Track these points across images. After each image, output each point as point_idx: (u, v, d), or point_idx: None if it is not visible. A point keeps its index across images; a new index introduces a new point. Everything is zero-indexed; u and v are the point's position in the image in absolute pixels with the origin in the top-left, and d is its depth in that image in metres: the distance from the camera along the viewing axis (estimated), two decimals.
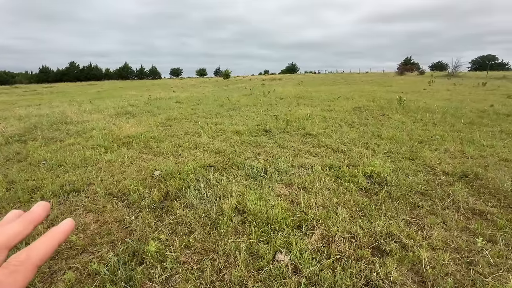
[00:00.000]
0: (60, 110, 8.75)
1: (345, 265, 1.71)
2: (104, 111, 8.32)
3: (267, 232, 2.04)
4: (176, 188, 2.78)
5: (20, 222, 0.28)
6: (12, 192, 2.80)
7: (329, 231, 2.03)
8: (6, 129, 5.88)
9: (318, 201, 2.47)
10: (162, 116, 7.09)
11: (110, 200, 2.64)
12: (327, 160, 3.52)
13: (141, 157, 3.88)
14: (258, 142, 4.47)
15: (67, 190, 2.83)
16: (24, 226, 0.28)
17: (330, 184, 2.82)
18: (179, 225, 2.20)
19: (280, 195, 2.63)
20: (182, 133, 5.20)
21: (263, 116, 6.82)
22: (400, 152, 3.80)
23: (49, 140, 4.94)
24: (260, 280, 1.61)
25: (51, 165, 3.58)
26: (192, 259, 1.82)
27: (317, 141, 4.43)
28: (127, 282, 1.61)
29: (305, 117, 6.40)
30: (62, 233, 0.29)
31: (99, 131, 5.49)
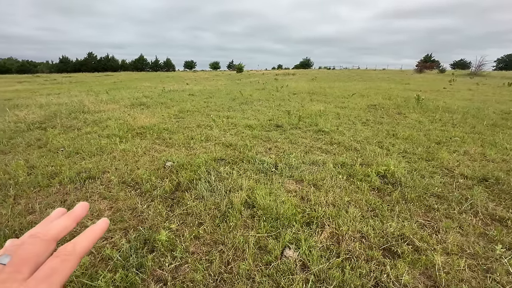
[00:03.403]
0: (78, 100, 9.02)
1: (354, 265, 1.68)
2: (119, 102, 8.50)
3: (276, 227, 2.04)
4: (187, 180, 2.82)
5: (66, 219, 0.33)
6: (33, 177, 2.92)
7: (339, 230, 2.00)
8: (28, 116, 6.13)
9: (329, 199, 2.44)
10: (175, 108, 7.17)
11: (123, 188, 2.71)
12: (339, 157, 3.46)
13: (154, 147, 3.95)
14: (270, 137, 4.45)
15: (83, 177, 2.93)
16: (69, 222, 0.32)
17: (341, 182, 2.77)
18: (190, 216, 2.24)
19: (290, 191, 2.61)
20: (195, 126, 5.25)
21: (275, 111, 6.77)
22: (416, 152, 3.68)
23: (67, 128, 5.12)
24: (268, 275, 1.62)
25: (69, 152, 3.70)
26: (201, 250, 1.85)
27: (330, 138, 4.36)
28: (138, 269, 1.66)
29: (318, 113, 6.31)
30: (100, 230, 0.33)
31: (114, 121, 5.63)
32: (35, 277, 0.25)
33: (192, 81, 20.08)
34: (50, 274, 0.25)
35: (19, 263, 0.26)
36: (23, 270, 0.25)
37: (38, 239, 0.29)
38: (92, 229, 0.32)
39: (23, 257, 0.26)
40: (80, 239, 0.30)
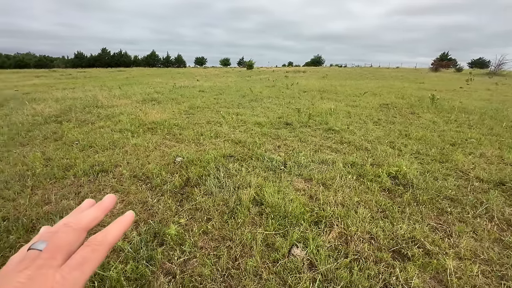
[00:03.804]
0: (92, 94, 9.25)
1: (363, 266, 1.67)
2: (131, 97, 8.66)
3: (284, 225, 2.04)
4: (196, 175, 2.85)
5: (96, 210, 0.34)
6: (49, 169, 3.03)
7: (348, 230, 1.98)
8: (45, 109, 6.33)
9: (338, 198, 2.41)
10: (185, 104, 7.24)
11: (134, 182, 2.77)
12: (349, 157, 3.41)
13: (164, 143, 4.01)
14: (279, 134, 4.44)
15: (97, 170, 3.01)
16: (99, 213, 0.34)
17: (351, 182, 2.74)
18: (198, 211, 2.26)
19: (298, 190, 2.60)
20: (204, 122, 5.29)
21: (285, 109, 6.73)
22: (430, 154, 3.58)
23: (81, 122, 5.26)
24: (275, 272, 1.62)
25: (83, 146, 3.81)
26: (210, 245, 1.87)
27: (340, 137, 4.30)
28: (148, 261, 1.70)
29: (328, 111, 6.23)
30: (127, 222, 0.34)
31: (126, 116, 5.74)
32: (68, 265, 0.26)
33: (203, 78, 20.20)
34: (82, 262, 0.27)
35: (54, 250, 0.27)
36: (58, 257, 0.26)
37: (71, 228, 0.30)
38: (120, 220, 0.33)
39: (58, 245, 0.27)
40: (109, 230, 0.31)
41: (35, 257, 0.26)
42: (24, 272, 0.24)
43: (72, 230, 0.30)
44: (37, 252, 0.26)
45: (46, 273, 0.25)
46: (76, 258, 0.27)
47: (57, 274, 0.25)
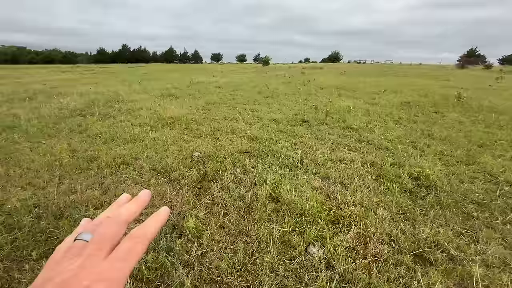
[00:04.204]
0: (113, 89, 9.58)
1: (382, 268, 1.63)
2: (150, 92, 8.89)
3: (300, 223, 2.02)
4: (213, 170, 2.89)
5: (133, 204, 0.35)
6: (75, 160, 3.18)
7: (367, 231, 1.93)
8: (70, 103, 6.63)
9: (356, 198, 2.36)
10: (202, 100, 7.34)
11: (154, 175, 2.85)
12: (368, 156, 3.32)
13: (182, 137, 4.09)
14: (295, 132, 4.39)
15: (118, 162, 3.13)
16: (136, 208, 0.34)
17: (370, 182, 2.67)
18: (215, 205, 2.30)
19: (315, 188, 2.57)
20: (221, 118, 5.34)
21: (302, 106, 6.65)
22: (455, 155, 3.42)
23: (104, 116, 5.47)
24: (291, 270, 1.62)
25: (105, 139, 3.97)
26: (226, 239, 1.90)
27: (358, 136, 4.19)
28: (168, 252, 1.75)
29: (346, 109, 6.09)
30: (163, 218, 0.34)
31: (146, 110, 5.90)
32: (115, 255, 0.27)
33: (219, 74, 20.35)
34: (127, 253, 0.27)
35: (100, 241, 0.28)
36: (104, 247, 0.27)
37: (114, 220, 0.31)
38: (157, 216, 0.34)
39: (103, 236, 0.29)
40: (148, 224, 0.32)
41: (82, 247, 0.27)
42: (75, 260, 0.25)
43: (115, 222, 0.31)
44: (84, 243, 0.28)
45: (95, 262, 0.26)
46: (122, 249, 0.28)
47: (105, 263, 0.26)
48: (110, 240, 0.28)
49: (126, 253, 0.27)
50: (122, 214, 0.32)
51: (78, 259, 0.25)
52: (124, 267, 0.26)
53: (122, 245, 0.28)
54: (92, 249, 0.27)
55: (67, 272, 0.24)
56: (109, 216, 0.32)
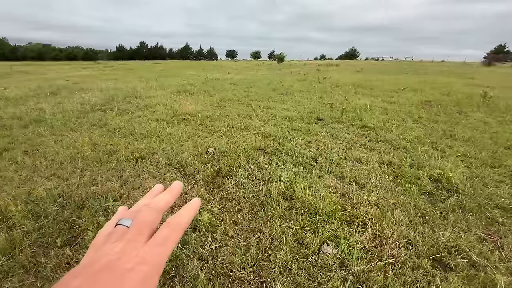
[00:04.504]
0: (131, 85, 9.85)
1: (398, 271, 1.59)
2: (167, 89, 9.06)
3: (314, 222, 2.01)
4: (227, 167, 2.91)
5: (168, 194, 0.36)
6: (95, 153, 3.31)
7: (383, 232, 1.89)
8: (91, 98, 6.90)
9: (372, 199, 2.31)
10: (217, 97, 7.40)
11: (170, 169, 2.92)
12: (386, 156, 3.23)
13: (197, 133, 4.15)
14: (310, 130, 4.34)
15: (136, 156, 3.22)
16: (170, 197, 0.36)
17: (387, 183, 2.60)
18: (229, 201, 2.32)
19: (330, 187, 2.54)
20: (235, 115, 5.36)
21: (317, 103, 6.55)
22: (479, 157, 3.25)
23: (122, 111, 5.64)
24: (304, 268, 1.61)
25: (124, 133, 4.10)
26: (240, 235, 1.92)
27: (375, 135, 4.08)
28: (183, 245, 1.79)
29: (363, 107, 5.93)
30: (196, 208, 0.35)
31: (162, 106, 6.03)
32: (153, 241, 0.28)
33: (233, 70, 20.41)
34: (165, 239, 0.29)
35: (140, 227, 0.29)
36: (144, 233, 0.29)
37: (151, 208, 0.32)
38: (189, 206, 0.35)
39: (143, 222, 0.30)
40: (182, 213, 0.33)
41: (124, 232, 0.29)
42: (117, 245, 0.27)
43: (153, 210, 0.32)
44: (125, 228, 0.29)
45: (136, 246, 0.27)
46: (160, 235, 0.29)
47: (146, 247, 0.27)
48: (149, 226, 0.30)
49: (164, 239, 0.29)
50: (160, 202, 0.34)
51: (119, 244, 0.27)
52: (162, 252, 0.28)
53: (160, 232, 0.29)
54: (132, 234, 0.28)
55: (111, 255, 0.26)
56: (147, 203, 0.33)
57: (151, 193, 0.37)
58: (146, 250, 0.27)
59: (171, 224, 0.31)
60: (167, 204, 0.34)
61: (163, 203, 0.34)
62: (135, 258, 0.26)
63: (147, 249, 0.27)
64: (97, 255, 0.26)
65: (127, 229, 0.29)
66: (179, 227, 0.31)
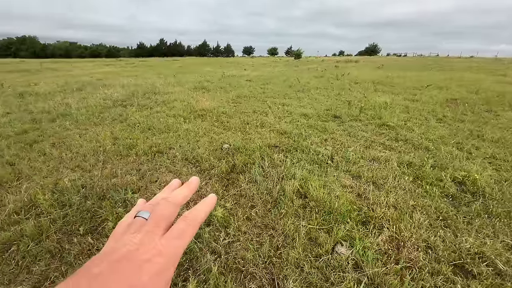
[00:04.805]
0: (150, 82, 10.13)
1: (416, 275, 1.53)
2: (184, 85, 9.23)
3: (328, 221, 1.98)
4: (242, 163, 2.93)
5: (186, 189, 0.37)
6: (116, 147, 3.45)
7: (400, 235, 1.82)
8: (113, 94, 7.17)
9: (390, 200, 2.23)
10: (233, 93, 7.43)
11: (186, 164, 2.98)
12: (406, 156, 3.10)
13: (213, 129, 4.20)
14: (326, 127, 4.26)
15: (154, 150, 3.32)
16: (188, 192, 0.36)
17: (406, 184, 2.50)
18: (243, 197, 2.34)
19: (345, 186, 2.48)
20: (251, 111, 5.37)
21: (334, 101, 6.41)
22: (509, 159, 3.04)
23: (142, 107, 5.82)
24: (317, 267, 1.59)
25: (143, 128, 4.23)
26: (253, 231, 1.92)
27: (395, 134, 3.93)
28: (196, 239, 1.83)
29: (382, 105, 5.73)
30: (212, 204, 0.36)
31: (180, 102, 6.16)
32: (170, 234, 0.29)
33: (250, 67, 20.39)
34: (181, 233, 0.29)
35: (158, 219, 0.30)
36: (161, 225, 0.29)
37: (169, 202, 0.33)
38: (205, 202, 0.35)
39: (160, 215, 0.31)
40: (198, 209, 0.34)
41: (142, 224, 0.30)
42: (136, 235, 0.28)
43: (171, 204, 0.33)
44: (143, 220, 0.30)
45: (154, 238, 0.28)
46: (176, 229, 0.30)
47: (162, 240, 0.28)
48: (166, 219, 0.31)
49: (181, 233, 0.29)
50: (178, 196, 0.35)
51: (138, 235, 0.28)
52: (179, 245, 0.28)
53: (177, 225, 0.30)
54: (150, 226, 0.29)
55: (130, 245, 0.26)
56: (165, 197, 0.34)
57: (168, 188, 0.38)
58: (163, 242, 0.28)
59: (188, 219, 0.31)
60: (184, 198, 0.35)
61: (181, 198, 0.35)
62: (152, 250, 0.26)
63: (164, 241, 0.28)
64: (117, 245, 0.27)
65: (145, 221, 0.30)
66: (195, 222, 0.31)
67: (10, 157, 3.15)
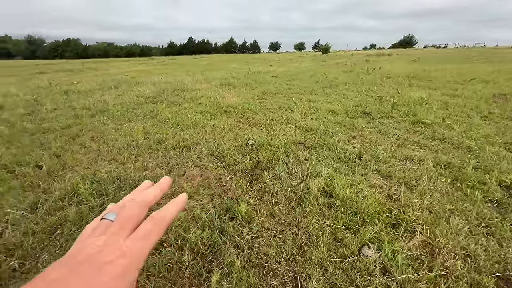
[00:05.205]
0: (179, 79, 10.50)
1: (452, 285, 1.41)
2: (211, 82, 9.43)
3: (355, 222, 1.90)
4: (266, 159, 2.92)
5: (155, 189, 0.37)
6: (147, 141, 3.64)
7: (435, 241, 1.70)
8: (145, 91, 7.56)
9: (424, 202, 2.08)
10: (258, 89, 7.43)
11: (211, 159, 3.05)
12: (443, 156, 2.87)
13: (238, 125, 4.25)
14: (355, 124, 4.09)
15: (182, 145, 3.44)
16: (158, 192, 0.37)
17: (443, 186, 2.31)
18: (267, 194, 2.34)
19: (374, 186, 2.37)
20: (276, 107, 5.33)
21: (364, 97, 6.12)
22: None
23: (171, 103, 6.07)
24: (342, 269, 1.55)
25: (172, 124, 4.41)
26: (276, 228, 1.92)
27: (432, 132, 3.65)
28: (221, 232, 1.87)
29: (418, 101, 5.34)
30: (182, 204, 0.36)
31: (206, 99, 6.31)
32: (135, 235, 0.29)
33: (276, 63, 20.22)
34: (147, 234, 0.30)
35: (123, 221, 0.30)
36: (127, 227, 0.30)
37: (136, 203, 0.33)
38: (175, 202, 0.35)
39: (126, 216, 0.31)
40: (167, 209, 0.34)
41: (107, 226, 0.30)
42: (100, 238, 0.28)
43: (138, 205, 0.33)
44: (109, 222, 0.30)
45: (118, 240, 0.28)
46: (142, 230, 0.30)
47: (127, 241, 0.28)
48: (132, 220, 0.31)
49: (146, 234, 0.29)
50: (146, 197, 0.35)
51: (102, 237, 0.28)
52: (144, 246, 0.29)
53: (143, 226, 0.30)
54: (115, 228, 0.29)
55: (92, 248, 0.27)
56: (132, 198, 0.34)
57: (139, 189, 0.38)
58: (128, 243, 0.28)
59: (155, 219, 0.31)
60: (154, 198, 0.35)
61: (150, 198, 0.35)
62: (116, 251, 0.26)
63: (129, 242, 0.28)
64: (80, 248, 0.27)
65: (111, 223, 0.30)
66: (163, 222, 0.31)
67: (57, 149, 3.47)
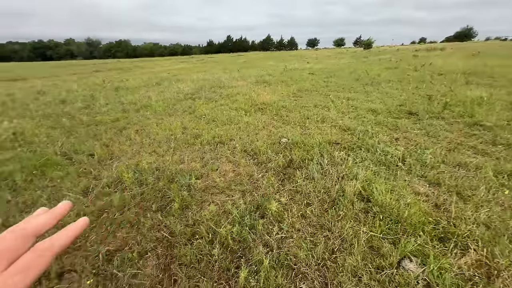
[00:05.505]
0: (217, 77, 10.81)
1: None
2: (247, 79, 9.53)
3: (395, 231, 1.75)
4: (299, 158, 2.85)
5: (47, 216, 0.34)
6: (185, 136, 3.81)
7: (493, 261, 1.48)
8: (185, 88, 7.94)
9: (480, 216, 1.83)
10: (294, 87, 7.29)
11: (244, 156, 3.08)
12: (507, 165, 2.49)
13: (272, 123, 4.22)
14: (398, 125, 3.77)
15: (216, 141, 3.53)
16: (50, 219, 0.34)
17: (505, 199, 2.00)
18: (298, 193, 2.27)
19: (419, 194, 2.15)
20: (311, 105, 5.17)
21: (410, 95, 5.61)
22: None
23: (208, 100, 6.27)
24: (378, 280, 1.43)
25: (208, 120, 4.55)
26: (307, 230, 1.85)
27: (493, 136, 3.20)
28: (251, 229, 1.87)
29: (476, 101, 4.72)
30: (79, 228, 0.34)
31: (242, 96, 6.38)
32: (11, 270, 0.27)
33: (313, 60, 19.66)
34: (25, 267, 0.28)
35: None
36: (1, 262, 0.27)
37: (15, 235, 0.31)
38: (71, 227, 0.33)
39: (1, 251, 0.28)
40: (58, 236, 0.32)
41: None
42: None
43: (18, 236, 0.30)
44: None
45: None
46: (20, 264, 0.28)
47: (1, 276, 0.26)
48: (9, 254, 0.29)
49: (25, 266, 0.28)
50: (29, 226, 0.32)
51: None
52: (20, 281, 0.27)
53: (22, 259, 0.29)
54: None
55: None
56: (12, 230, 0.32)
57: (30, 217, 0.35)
58: (1, 279, 0.26)
59: (38, 250, 0.29)
60: (42, 227, 0.33)
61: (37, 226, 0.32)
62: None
63: (2, 278, 0.26)
64: None
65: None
66: (48, 252, 0.30)
67: (106, 140, 3.82)
